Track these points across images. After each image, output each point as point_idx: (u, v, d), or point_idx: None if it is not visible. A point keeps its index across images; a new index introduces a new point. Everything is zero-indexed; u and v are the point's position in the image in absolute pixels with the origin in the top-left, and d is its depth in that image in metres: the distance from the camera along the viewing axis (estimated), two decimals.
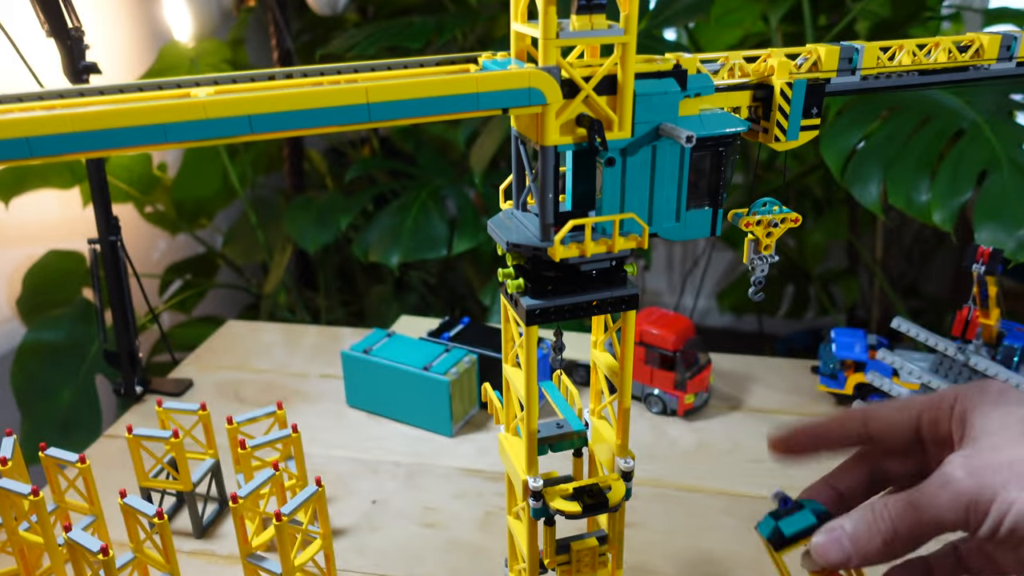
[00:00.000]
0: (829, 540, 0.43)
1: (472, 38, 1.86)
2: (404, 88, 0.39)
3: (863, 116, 1.19)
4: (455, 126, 1.71)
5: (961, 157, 1.09)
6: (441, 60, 0.49)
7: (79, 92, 0.42)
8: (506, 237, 0.48)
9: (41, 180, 1.45)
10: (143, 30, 1.72)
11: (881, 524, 0.41)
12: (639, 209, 0.47)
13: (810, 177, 1.74)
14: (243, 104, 0.37)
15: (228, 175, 1.77)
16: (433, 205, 1.56)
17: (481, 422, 1.05)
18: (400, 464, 0.97)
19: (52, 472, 0.75)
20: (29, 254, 1.47)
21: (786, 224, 0.52)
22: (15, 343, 1.40)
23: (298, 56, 1.93)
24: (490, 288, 1.59)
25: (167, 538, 0.68)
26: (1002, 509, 0.37)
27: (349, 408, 1.09)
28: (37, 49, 1.15)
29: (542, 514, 0.54)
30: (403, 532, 0.86)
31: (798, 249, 2.02)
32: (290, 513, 0.67)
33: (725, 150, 0.47)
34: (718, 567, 0.80)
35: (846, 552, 0.42)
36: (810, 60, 0.50)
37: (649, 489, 0.91)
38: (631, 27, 0.42)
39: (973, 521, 0.38)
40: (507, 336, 0.56)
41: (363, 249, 1.52)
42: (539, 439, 0.56)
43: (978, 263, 0.82)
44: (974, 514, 0.38)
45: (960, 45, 0.53)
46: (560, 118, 0.44)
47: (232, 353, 1.25)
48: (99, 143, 0.36)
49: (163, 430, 0.81)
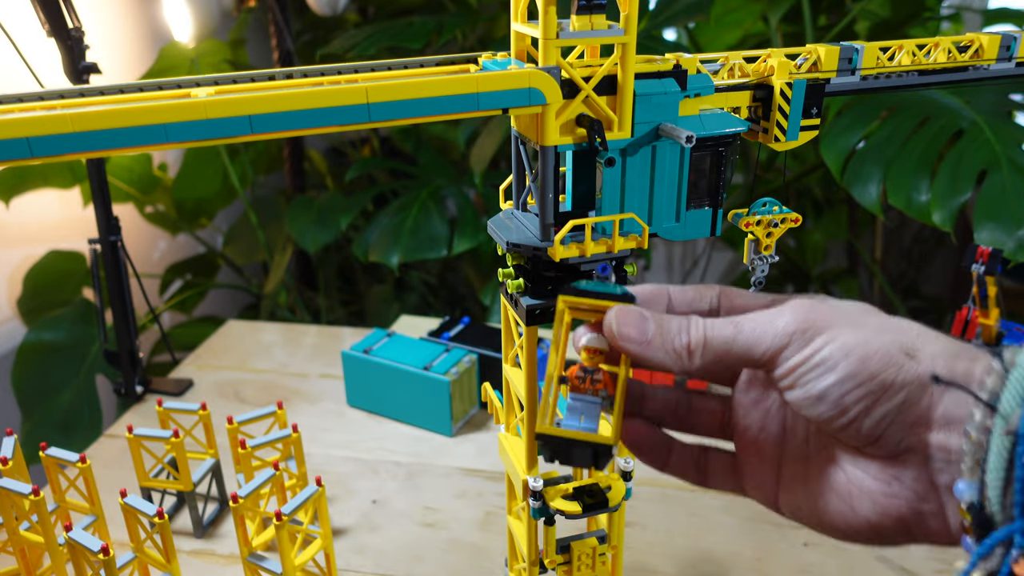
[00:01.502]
0: (633, 313, 0.39)
1: (472, 38, 1.86)
2: (404, 88, 0.39)
3: (863, 116, 1.19)
4: (455, 126, 1.71)
5: (961, 157, 1.09)
6: (441, 60, 0.49)
7: (80, 92, 0.42)
8: (506, 237, 0.48)
9: (42, 180, 1.45)
10: (143, 30, 1.72)
11: (695, 330, 0.38)
12: (639, 209, 0.47)
13: (810, 177, 1.75)
14: (243, 104, 0.37)
15: (228, 175, 1.77)
16: (433, 205, 1.56)
17: (481, 422, 1.05)
18: (400, 464, 0.97)
19: (53, 472, 0.75)
20: (30, 254, 1.48)
21: (786, 224, 0.52)
22: (16, 343, 1.40)
23: (298, 56, 1.93)
24: (490, 288, 1.59)
25: (167, 538, 0.68)
26: (830, 337, 0.35)
27: (349, 408, 1.09)
28: (38, 49, 1.15)
29: (542, 514, 0.55)
30: (403, 532, 0.86)
31: (798, 249, 2.03)
32: (290, 513, 0.67)
33: (725, 150, 0.47)
34: (718, 567, 0.80)
35: (645, 334, 0.38)
36: (810, 60, 0.50)
37: (649, 489, 0.91)
38: (631, 27, 0.42)
39: (794, 347, 0.36)
40: (507, 336, 0.56)
41: (363, 249, 1.52)
42: None
43: (977, 263, 0.82)
44: (798, 341, 0.36)
45: (960, 45, 0.53)
46: (560, 118, 0.44)
47: (232, 353, 1.25)
48: (100, 143, 0.36)
49: (163, 430, 0.81)
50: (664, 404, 0.44)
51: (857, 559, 0.81)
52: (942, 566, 0.79)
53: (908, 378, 0.35)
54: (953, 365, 0.35)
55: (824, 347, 0.36)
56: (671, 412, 0.45)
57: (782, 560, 0.81)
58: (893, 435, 0.35)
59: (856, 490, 0.37)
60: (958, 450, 0.34)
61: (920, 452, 0.35)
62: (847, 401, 0.35)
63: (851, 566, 0.80)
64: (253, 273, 2.06)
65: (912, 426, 0.35)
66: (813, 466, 0.40)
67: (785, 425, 0.42)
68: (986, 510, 0.33)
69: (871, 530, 0.37)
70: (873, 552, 0.81)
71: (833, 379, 0.35)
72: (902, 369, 0.35)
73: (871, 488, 0.37)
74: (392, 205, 1.58)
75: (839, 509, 0.38)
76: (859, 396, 0.35)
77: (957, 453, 0.34)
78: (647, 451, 0.43)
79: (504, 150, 1.50)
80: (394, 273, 1.59)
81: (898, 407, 0.35)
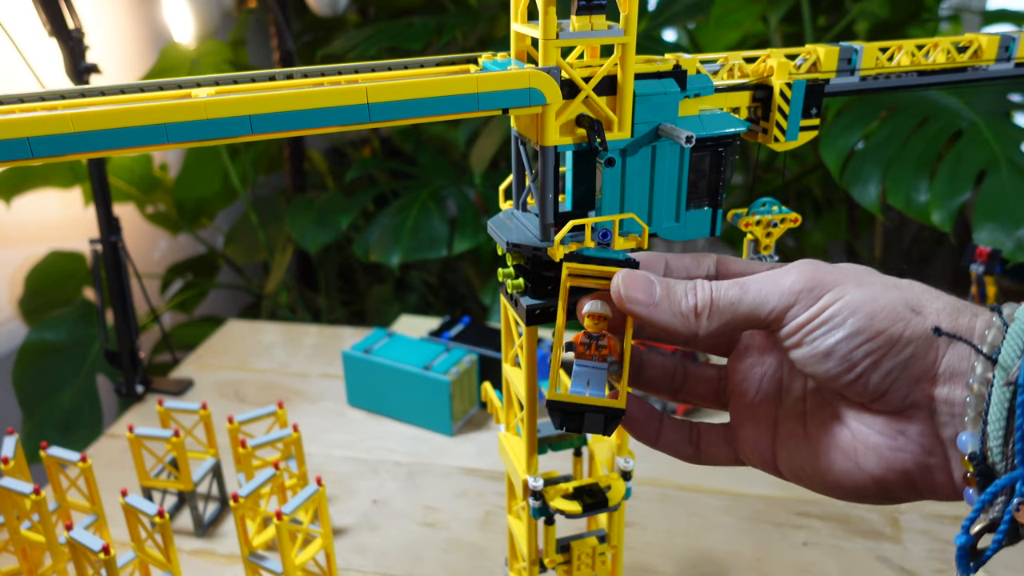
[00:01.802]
0: (640, 276, 0.39)
1: (472, 39, 1.86)
2: (404, 88, 0.39)
3: (862, 117, 1.20)
4: (455, 126, 1.71)
5: (960, 157, 1.09)
6: (441, 60, 0.49)
7: (80, 92, 0.42)
8: (506, 237, 0.48)
9: (42, 180, 1.45)
10: (144, 31, 1.72)
11: (701, 292, 0.38)
12: (639, 209, 0.47)
13: (809, 177, 1.75)
14: (244, 104, 0.37)
15: (229, 175, 1.78)
16: (433, 205, 1.56)
17: (481, 421, 1.05)
18: (400, 464, 0.97)
19: (54, 471, 0.75)
20: (30, 254, 1.48)
21: (785, 224, 0.52)
22: (17, 343, 1.40)
23: (299, 57, 1.93)
24: (490, 288, 1.59)
25: (168, 537, 0.68)
26: (838, 295, 0.36)
27: (350, 408, 1.09)
28: (39, 49, 1.16)
29: (542, 513, 0.55)
30: (403, 532, 0.86)
31: (798, 249, 2.02)
32: (291, 512, 0.67)
33: (725, 150, 0.47)
34: (718, 567, 0.80)
35: (652, 296, 0.38)
36: (809, 61, 0.50)
37: (649, 489, 0.91)
38: (631, 28, 0.42)
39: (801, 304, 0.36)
40: (507, 336, 0.56)
41: (364, 249, 1.53)
42: (539, 439, 0.56)
43: (977, 263, 0.82)
44: (805, 299, 0.36)
45: (959, 46, 0.53)
46: (560, 118, 0.44)
47: (233, 353, 1.25)
48: (100, 143, 0.36)
49: (164, 429, 0.81)
50: (662, 371, 0.45)
51: (857, 559, 0.81)
52: (942, 566, 0.79)
53: (916, 333, 0.35)
54: (956, 320, 0.35)
55: (832, 304, 0.36)
56: (668, 379, 0.45)
57: (782, 560, 0.81)
58: (899, 390, 0.36)
59: (862, 446, 0.37)
60: (962, 403, 0.35)
61: (925, 407, 0.36)
62: (856, 356, 0.35)
63: (851, 566, 0.80)
64: (253, 273, 2.06)
65: (918, 381, 0.35)
66: (812, 424, 0.40)
67: (781, 386, 0.42)
68: (988, 460, 0.33)
69: (876, 486, 0.37)
70: (873, 552, 0.81)
71: (842, 334, 0.35)
72: (909, 324, 0.35)
73: (877, 443, 0.37)
74: (392, 205, 1.58)
75: (844, 467, 0.38)
76: (868, 351, 0.35)
77: (961, 407, 0.35)
78: (638, 425, 0.43)
79: (504, 150, 1.50)
80: (394, 273, 1.60)
81: (905, 362, 0.35)
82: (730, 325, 0.38)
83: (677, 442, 0.44)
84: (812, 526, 0.85)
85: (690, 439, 0.44)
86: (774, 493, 0.90)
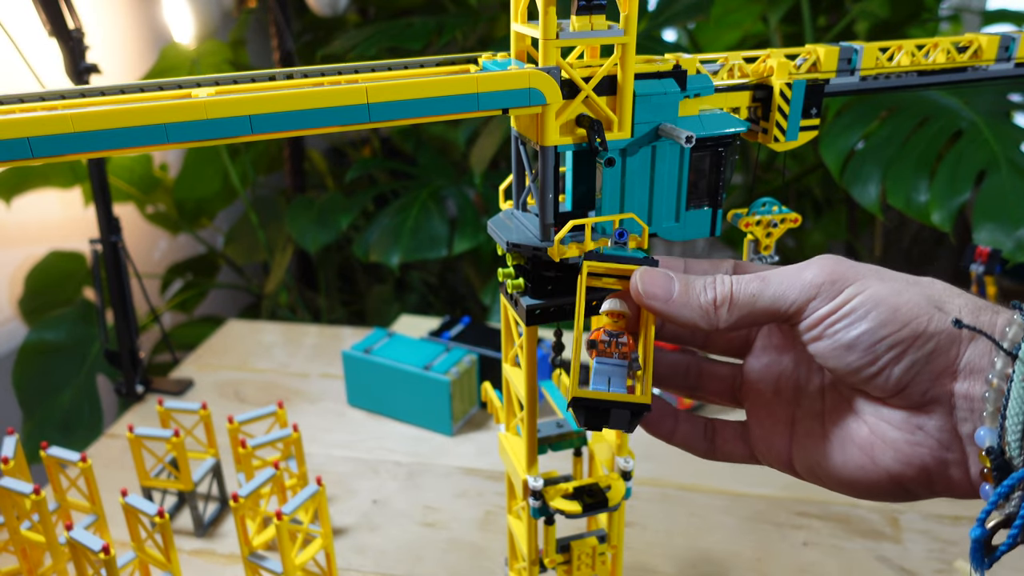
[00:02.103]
0: (659, 273, 0.39)
1: (472, 39, 1.86)
2: (404, 88, 0.39)
3: (862, 117, 1.20)
4: (455, 126, 1.71)
5: (960, 157, 1.09)
6: (441, 60, 0.49)
7: (80, 92, 0.42)
8: (506, 237, 0.48)
9: (42, 180, 1.45)
10: (144, 31, 1.72)
11: (720, 286, 0.38)
12: (639, 209, 0.47)
13: (809, 177, 1.75)
14: (244, 104, 0.37)
15: (229, 175, 1.78)
16: (433, 205, 1.56)
17: (481, 421, 1.05)
18: (400, 464, 0.97)
19: (54, 471, 0.75)
20: (30, 254, 1.48)
21: (785, 224, 0.52)
22: (17, 343, 1.40)
23: (299, 57, 1.93)
24: (490, 288, 1.59)
25: (168, 537, 0.68)
26: (860, 288, 0.36)
27: (350, 408, 1.09)
28: (39, 49, 1.16)
29: (542, 513, 0.55)
30: (403, 532, 0.86)
31: (798, 249, 2.02)
32: (291, 512, 0.67)
33: (725, 150, 0.47)
34: (718, 567, 0.80)
35: (671, 292, 0.38)
36: (809, 60, 0.50)
37: (649, 489, 0.91)
38: (631, 28, 0.42)
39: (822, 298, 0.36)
40: (507, 336, 0.56)
41: (364, 249, 1.53)
42: (539, 439, 0.56)
43: (977, 263, 0.82)
44: (827, 292, 0.36)
45: (959, 46, 0.53)
46: (560, 118, 0.44)
47: (233, 353, 1.25)
48: (100, 143, 0.36)
49: (164, 429, 0.81)
50: (675, 368, 0.45)
51: (857, 559, 0.81)
52: (942, 566, 0.79)
53: (939, 327, 0.35)
54: (977, 317, 0.35)
55: (855, 296, 0.36)
56: (681, 376, 0.45)
57: (782, 560, 0.81)
58: (920, 384, 0.36)
59: (879, 441, 0.37)
60: (981, 399, 0.35)
61: (945, 402, 0.36)
62: (879, 349, 0.35)
63: (851, 566, 0.80)
64: (253, 273, 2.06)
65: (939, 376, 0.36)
66: (830, 421, 0.40)
67: (799, 384, 0.42)
68: (1006, 455, 0.34)
69: (891, 481, 0.37)
70: (873, 552, 0.81)
71: (865, 327, 0.35)
72: (932, 319, 0.35)
73: (895, 438, 0.37)
74: (392, 205, 1.59)
75: (859, 463, 0.38)
76: (891, 344, 0.35)
77: (980, 402, 0.35)
78: (655, 421, 0.43)
79: (504, 150, 1.50)
80: (394, 273, 1.60)
81: (927, 356, 0.35)
82: (749, 319, 0.38)
83: (692, 438, 0.44)
84: (812, 526, 0.85)
85: (704, 435, 0.44)
86: (774, 493, 0.90)
